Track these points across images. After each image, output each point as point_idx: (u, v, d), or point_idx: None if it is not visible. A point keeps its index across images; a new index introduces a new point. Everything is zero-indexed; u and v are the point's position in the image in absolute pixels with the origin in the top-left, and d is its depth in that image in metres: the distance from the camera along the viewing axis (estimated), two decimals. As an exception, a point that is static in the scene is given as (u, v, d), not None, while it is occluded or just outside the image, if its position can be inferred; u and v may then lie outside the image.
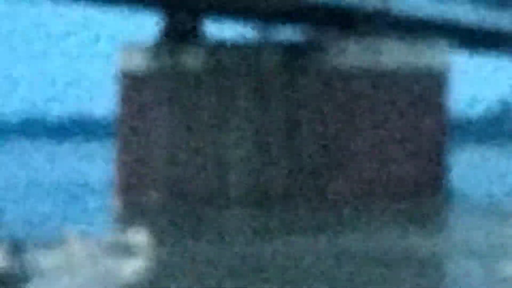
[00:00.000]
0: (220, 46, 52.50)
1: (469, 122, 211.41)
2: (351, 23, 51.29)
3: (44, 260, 17.21)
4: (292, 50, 51.12)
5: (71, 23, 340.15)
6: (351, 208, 44.75)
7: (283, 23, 54.39)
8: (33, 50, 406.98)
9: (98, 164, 72.00)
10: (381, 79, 50.39)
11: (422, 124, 51.30)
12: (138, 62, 53.73)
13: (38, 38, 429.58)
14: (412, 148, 50.77)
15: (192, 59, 52.16)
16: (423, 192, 50.12)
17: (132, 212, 36.04)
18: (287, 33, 55.13)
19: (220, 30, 55.42)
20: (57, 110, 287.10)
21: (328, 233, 35.27)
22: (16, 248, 16.58)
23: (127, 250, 18.36)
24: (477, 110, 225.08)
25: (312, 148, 50.09)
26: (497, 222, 41.92)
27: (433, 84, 52.13)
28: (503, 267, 21.36)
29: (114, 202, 46.85)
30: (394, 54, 50.58)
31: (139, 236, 19.31)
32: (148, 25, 56.53)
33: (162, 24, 54.34)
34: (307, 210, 44.30)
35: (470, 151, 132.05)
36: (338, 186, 49.20)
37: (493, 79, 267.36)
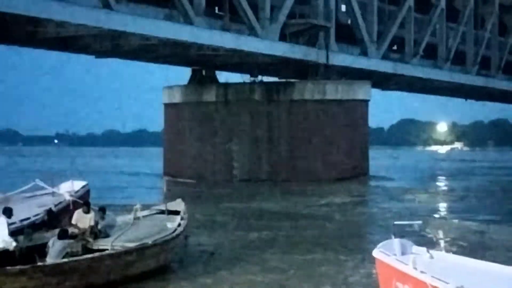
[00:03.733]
0: (227, 86, 52.30)
1: (381, 132, 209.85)
2: (307, 71, 51.42)
3: (119, 220, 17.17)
4: (271, 88, 51.12)
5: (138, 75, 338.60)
6: (307, 186, 43.87)
7: (266, 71, 54.16)
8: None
9: (154, 161, 70.93)
10: (327, 107, 50.04)
11: (353, 135, 50.90)
12: (176, 97, 53.78)
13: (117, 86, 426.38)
14: (347, 150, 50.44)
15: (210, 95, 51.95)
16: (353, 176, 49.75)
17: (174, 190, 35.72)
18: (268, 78, 55.22)
19: (227, 76, 55.60)
20: (129, 127, 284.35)
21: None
22: (103, 212, 16.47)
23: (171, 212, 18.03)
24: (386, 125, 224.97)
25: (283, 149, 50.19)
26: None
27: (360, 109, 51.55)
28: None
29: (162, 184, 46.28)
30: (335, 90, 50.09)
31: (179, 204, 18.73)
32: (183, 75, 55.93)
33: (192, 74, 54.46)
34: (281, 187, 43.69)
35: (383, 150, 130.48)
36: (300, 174, 49.04)
37: (395, 106, 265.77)
